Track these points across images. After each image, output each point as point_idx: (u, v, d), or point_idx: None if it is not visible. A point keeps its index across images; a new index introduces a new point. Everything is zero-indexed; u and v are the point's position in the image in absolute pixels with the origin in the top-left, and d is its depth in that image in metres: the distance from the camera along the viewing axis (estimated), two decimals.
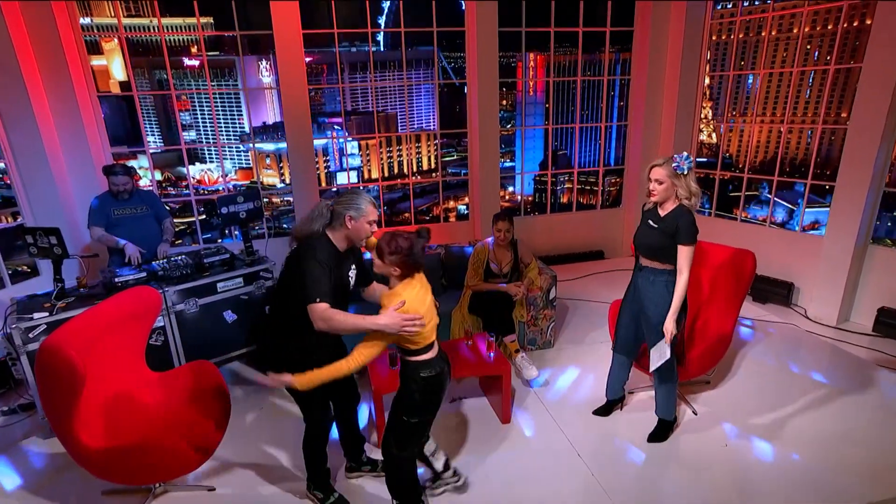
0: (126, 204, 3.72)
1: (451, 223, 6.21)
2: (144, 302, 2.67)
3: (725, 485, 2.60)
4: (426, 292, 2.13)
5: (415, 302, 2.03)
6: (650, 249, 2.66)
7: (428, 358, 2.12)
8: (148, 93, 6.60)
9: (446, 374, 2.20)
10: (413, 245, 2.01)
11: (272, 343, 2.30)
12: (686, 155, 2.52)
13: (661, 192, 2.56)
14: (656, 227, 2.61)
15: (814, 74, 5.80)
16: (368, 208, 2.18)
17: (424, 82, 6.24)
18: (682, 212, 2.54)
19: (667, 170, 2.52)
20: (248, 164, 11.71)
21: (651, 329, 2.71)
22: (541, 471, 2.74)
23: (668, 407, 2.89)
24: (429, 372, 2.11)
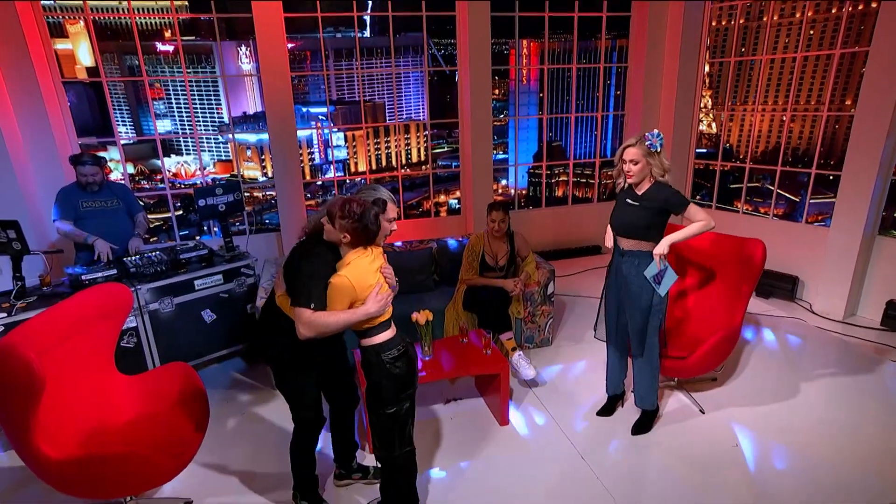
0: (95, 196, 3.56)
1: (442, 218, 6.13)
2: (113, 300, 2.54)
3: (739, 487, 2.54)
4: (377, 263, 2.01)
5: (363, 273, 1.92)
6: (633, 228, 2.66)
7: (387, 338, 2.01)
8: (118, 79, 6.41)
9: (411, 350, 2.10)
10: (365, 211, 1.91)
11: (266, 341, 2.24)
12: (657, 132, 2.58)
13: (637, 172, 2.60)
14: (637, 203, 2.63)
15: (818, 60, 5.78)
16: (389, 205, 2.11)
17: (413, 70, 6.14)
18: (661, 187, 2.59)
19: (641, 149, 2.57)
20: (228, 156, 11.47)
21: (634, 311, 2.70)
22: (543, 475, 2.66)
23: (653, 395, 2.89)
24: (392, 353, 2.00)
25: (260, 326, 2.26)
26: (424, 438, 2.96)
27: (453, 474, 2.69)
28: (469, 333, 3.21)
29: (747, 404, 3.17)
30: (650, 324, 2.70)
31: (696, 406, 3.15)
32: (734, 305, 3.03)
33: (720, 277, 3.21)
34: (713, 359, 2.97)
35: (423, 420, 3.13)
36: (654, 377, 2.84)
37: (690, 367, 2.92)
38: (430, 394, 3.37)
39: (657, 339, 2.74)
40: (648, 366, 2.81)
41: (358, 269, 1.92)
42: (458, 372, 2.93)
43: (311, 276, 1.93)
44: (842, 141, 4.69)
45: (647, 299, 2.66)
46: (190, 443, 2.35)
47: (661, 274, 2.59)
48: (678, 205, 2.56)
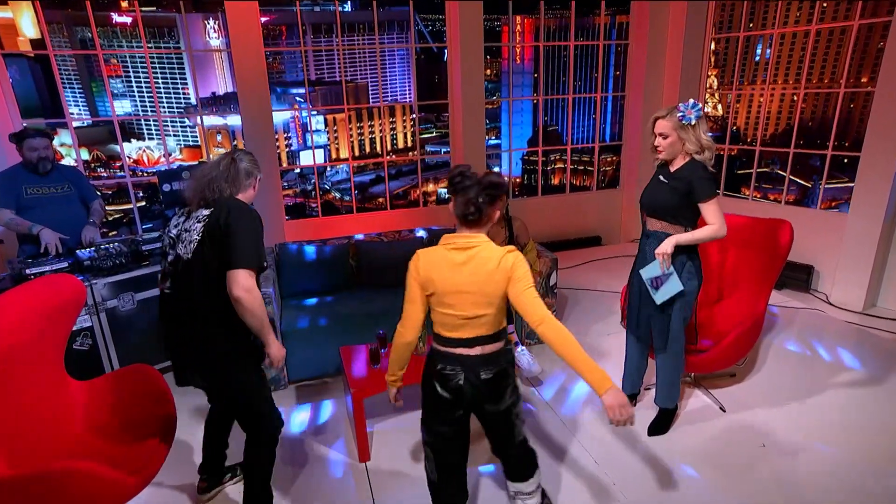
0: (43, 182, 3.31)
1: (431, 208, 5.95)
2: (61, 294, 2.32)
3: (772, 491, 2.42)
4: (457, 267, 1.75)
5: (439, 277, 1.78)
6: (657, 209, 2.52)
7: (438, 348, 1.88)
8: (68, 52, 6.08)
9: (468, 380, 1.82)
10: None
11: (214, 349, 1.98)
12: (693, 102, 2.38)
13: (667, 147, 2.45)
14: (666, 182, 2.48)
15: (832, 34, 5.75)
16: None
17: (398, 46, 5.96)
18: (694, 166, 2.41)
19: (671, 121, 2.40)
20: (196, 141, 11.12)
21: (653, 302, 2.56)
22: (553, 483, 2.51)
23: (675, 393, 2.76)
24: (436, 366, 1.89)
25: (192, 335, 1.99)
26: (419, 444, 2.79)
27: None
28: None
29: (770, 401, 3.06)
30: (674, 316, 2.55)
31: (716, 404, 3.03)
32: (757, 293, 2.92)
33: (741, 263, 3.10)
34: (737, 351, 2.85)
35: (416, 425, 2.95)
36: (676, 374, 2.69)
37: (712, 360, 2.80)
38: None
39: (682, 334, 2.60)
40: (671, 361, 2.67)
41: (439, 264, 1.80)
42: None
43: (255, 238, 1.89)
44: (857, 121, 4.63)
45: (667, 288, 2.51)
46: (153, 457, 2.14)
47: (662, 278, 2.47)
48: (699, 192, 2.37)
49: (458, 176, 1.76)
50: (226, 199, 1.95)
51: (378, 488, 2.51)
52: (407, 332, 1.88)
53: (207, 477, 2.46)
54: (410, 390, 3.21)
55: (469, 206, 1.75)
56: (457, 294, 1.75)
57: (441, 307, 1.80)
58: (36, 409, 2.21)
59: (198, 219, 1.92)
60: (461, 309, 1.76)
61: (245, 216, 1.89)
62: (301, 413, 3.13)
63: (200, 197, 1.96)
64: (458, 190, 1.77)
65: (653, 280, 2.48)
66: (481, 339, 1.79)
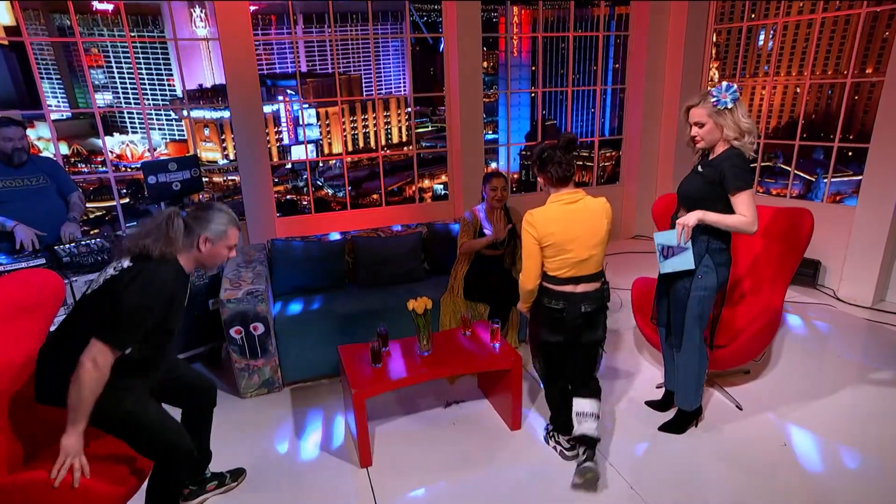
0: (17, 174, 3.13)
1: (427, 204, 5.83)
2: (36, 291, 2.16)
3: (799, 492, 2.32)
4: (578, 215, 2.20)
5: (557, 229, 2.16)
6: (688, 199, 2.41)
7: (554, 289, 2.24)
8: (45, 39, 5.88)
9: (570, 313, 2.24)
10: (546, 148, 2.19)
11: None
12: (728, 84, 2.26)
13: (706, 136, 2.32)
14: (702, 171, 2.38)
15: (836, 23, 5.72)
16: (230, 230, 1.95)
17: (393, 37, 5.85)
18: (730, 154, 2.28)
19: (706, 108, 2.29)
20: (182, 135, 10.88)
21: (673, 294, 2.47)
22: (567, 486, 2.40)
23: (690, 395, 2.63)
24: (551, 303, 2.26)
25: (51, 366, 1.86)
26: (424, 447, 2.67)
27: (462, 487, 2.40)
28: (473, 325, 2.94)
29: (787, 399, 2.97)
30: (689, 311, 2.44)
31: (731, 402, 2.94)
32: (773, 286, 2.84)
33: (760, 253, 3.01)
34: (754, 347, 2.77)
35: (420, 427, 2.85)
36: (692, 374, 2.57)
37: (729, 357, 2.71)
38: (426, 396, 3.08)
39: (699, 332, 2.48)
40: (686, 360, 2.55)
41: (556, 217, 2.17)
42: (463, 368, 2.66)
43: (133, 319, 1.74)
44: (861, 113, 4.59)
45: (688, 280, 2.41)
46: (138, 464, 2.01)
47: (675, 249, 2.32)
48: (730, 182, 2.22)
49: (543, 152, 2.20)
50: (150, 262, 1.80)
51: (382, 496, 2.38)
52: (529, 282, 2.29)
53: (189, 482, 2.32)
54: (413, 391, 3.10)
55: (564, 168, 2.18)
56: (574, 241, 2.17)
57: (559, 255, 2.19)
58: (10, 414, 2.05)
59: (115, 267, 1.84)
60: (577, 253, 2.18)
61: (140, 295, 1.73)
62: (297, 417, 2.99)
63: (134, 246, 1.83)
64: (548, 162, 2.18)
65: (664, 248, 2.34)
66: (585, 278, 2.23)
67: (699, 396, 2.64)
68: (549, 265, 2.23)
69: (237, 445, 2.73)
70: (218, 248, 1.93)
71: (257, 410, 3.05)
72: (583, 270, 2.22)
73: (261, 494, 2.40)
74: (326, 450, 2.70)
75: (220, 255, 1.95)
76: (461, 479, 2.46)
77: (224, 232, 1.92)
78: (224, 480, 2.38)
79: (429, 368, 2.58)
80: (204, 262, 1.95)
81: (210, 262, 1.96)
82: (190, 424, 2.20)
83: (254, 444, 2.75)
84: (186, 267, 1.91)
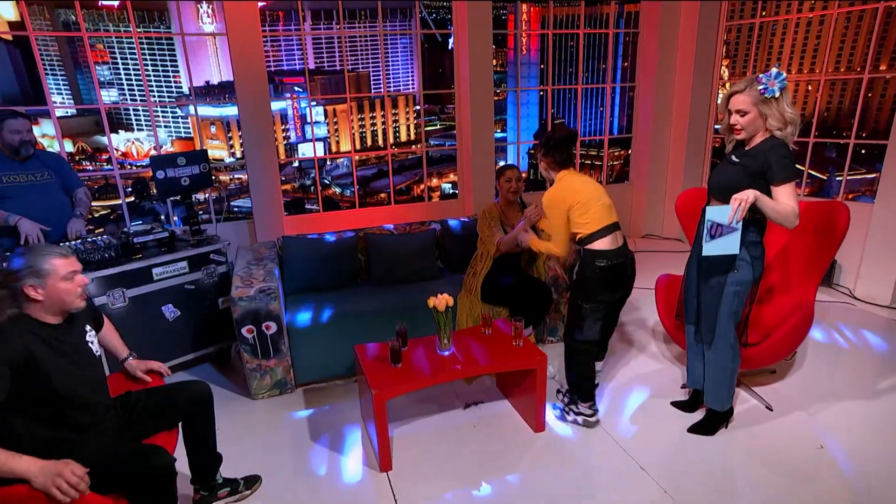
0: (21, 168, 3.00)
1: (436, 203, 5.71)
2: None
3: (841, 497, 2.20)
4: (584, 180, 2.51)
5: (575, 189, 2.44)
6: (724, 189, 2.24)
7: (601, 248, 2.42)
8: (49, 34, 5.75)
9: (620, 265, 2.45)
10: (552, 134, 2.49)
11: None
12: (777, 72, 2.11)
13: (747, 125, 2.18)
14: (738, 161, 2.23)
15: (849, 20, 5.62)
16: (53, 262, 1.70)
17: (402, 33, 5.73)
18: (773, 143, 2.15)
19: (752, 95, 2.14)
20: (189, 133, 10.72)
21: (706, 287, 2.34)
22: (599, 491, 2.27)
23: (722, 394, 2.50)
24: (603, 261, 2.41)
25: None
26: (446, 450, 2.54)
27: (489, 493, 2.27)
28: (494, 322, 2.81)
29: (817, 398, 2.85)
30: (723, 307, 2.32)
31: (761, 402, 2.81)
32: (805, 282, 2.72)
33: (788, 250, 2.89)
34: (787, 345, 2.64)
35: (441, 429, 2.72)
36: (724, 373, 2.45)
37: (762, 355, 2.59)
38: (443, 397, 2.95)
39: (733, 329, 2.36)
40: (718, 358, 2.43)
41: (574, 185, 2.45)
42: (487, 368, 2.53)
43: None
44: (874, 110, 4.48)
45: (722, 274, 2.29)
46: None
47: (725, 229, 2.09)
48: (777, 173, 2.09)
49: (550, 139, 2.49)
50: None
51: (404, 502, 2.25)
52: (561, 251, 2.52)
53: (200, 488, 2.19)
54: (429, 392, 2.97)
55: (567, 154, 2.51)
56: (594, 192, 2.47)
57: (590, 208, 2.42)
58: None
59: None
60: (604, 201, 2.48)
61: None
62: (311, 419, 2.86)
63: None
64: (555, 148, 2.48)
65: (714, 226, 2.10)
66: (617, 225, 2.49)
67: (731, 396, 2.52)
68: (585, 221, 2.41)
69: (249, 449, 2.60)
70: (53, 286, 1.68)
71: (270, 412, 2.92)
72: (613, 216, 2.47)
73: (277, 501, 2.27)
74: (343, 453, 2.56)
75: (62, 288, 1.70)
76: (486, 483, 2.33)
77: (44, 269, 1.67)
78: (237, 488, 2.24)
79: (452, 368, 2.45)
80: (58, 305, 1.72)
81: (64, 302, 1.72)
82: (191, 434, 2.09)
83: (267, 447, 2.62)
84: (41, 317, 1.71)
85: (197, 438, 2.09)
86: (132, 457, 1.73)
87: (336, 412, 2.91)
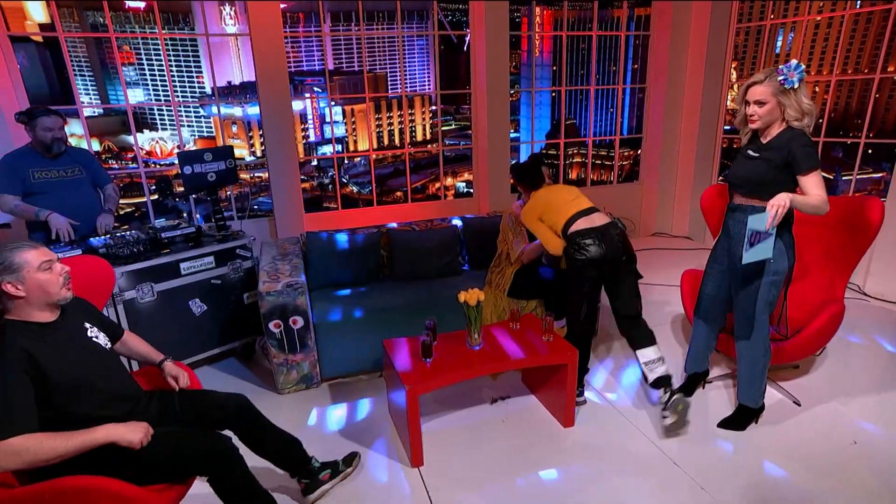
0: (52, 165, 2.89)
1: (452, 201, 5.57)
2: (90, 277, 1.92)
3: (881, 495, 2.06)
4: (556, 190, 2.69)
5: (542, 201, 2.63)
6: (748, 184, 2.19)
7: (576, 229, 2.46)
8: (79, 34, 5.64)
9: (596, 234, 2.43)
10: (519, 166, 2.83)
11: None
12: (796, 63, 2.04)
13: (764, 116, 2.10)
14: (757, 155, 2.15)
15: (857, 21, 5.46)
16: (24, 255, 1.55)
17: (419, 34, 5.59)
18: (794, 134, 2.07)
19: (771, 86, 2.05)
20: (210, 132, 10.58)
21: (742, 280, 2.23)
22: (633, 487, 2.14)
23: (755, 390, 2.38)
24: (579, 238, 2.43)
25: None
26: (476, 446, 2.41)
27: (522, 488, 2.14)
28: (522, 317, 2.68)
29: (844, 394, 2.70)
30: (760, 300, 2.20)
31: (788, 398, 2.67)
32: (834, 276, 2.58)
33: (816, 244, 2.75)
34: (820, 339, 2.51)
35: (468, 424, 2.59)
36: (758, 367, 2.32)
37: (795, 349, 2.46)
38: (469, 392, 2.82)
39: (767, 320, 2.24)
40: (751, 352, 2.30)
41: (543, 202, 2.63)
42: (519, 362, 2.39)
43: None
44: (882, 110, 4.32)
45: (759, 265, 2.16)
46: None
47: (762, 236, 2.03)
48: (802, 162, 2.02)
49: (520, 170, 2.83)
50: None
51: (438, 497, 2.12)
52: (558, 249, 2.56)
53: (301, 477, 2.06)
54: (454, 387, 2.84)
55: (536, 177, 2.76)
56: (560, 194, 2.64)
57: (558, 208, 2.56)
58: None
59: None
60: (567, 199, 2.60)
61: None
62: (338, 413, 2.73)
63: None
64: (524, 175, 2.80)
65: (754, 234, 2.02)
66: (589, 210, 2.54)
67: (763, 392, 2.39)
68: (558, 218, 2.52)
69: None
70: (32, 279, 1.54)
71: (296, 407, 2.79)
72: (582, 205, 2.54)
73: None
74: (373, 448, 2.43)
75: (42, 280, 1.56)
76: (519, 479, 2.20)
77: (16, 263, 1.53)
78: (338, 468, 2.12)
79: (483, 363, 2.32)
80: (43, 298, 1.58)
81: (49, 293, 1.58)
82: (250, 440, 1.95)
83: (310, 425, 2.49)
84: (31, 316, 1.58)
85: (258, 441, 1.95)
86: (185, 443, 1.63)
87: (362, 407, 2.78)
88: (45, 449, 1.40)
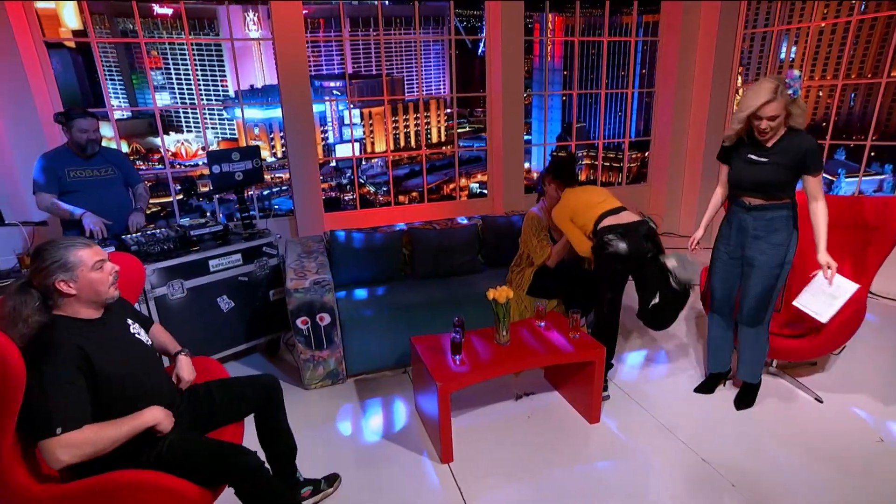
0: (87, 164, 2.84)
1: (466, 201, 5.50)
2: (128, 268, 1.85)
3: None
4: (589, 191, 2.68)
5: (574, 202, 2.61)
6: (763, 185, 2.20)
7: (606, 224, 2.46)
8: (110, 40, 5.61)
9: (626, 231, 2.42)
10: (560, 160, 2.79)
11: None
12: (798, 74, 2.08)
13: (777, 128, 2.14)
14: (765, 160, 2.17)
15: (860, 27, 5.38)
16: (80, 253, 1.49)
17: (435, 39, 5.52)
18: (802, 137, 2.12)
19: (783, 100, 2.07)
20: (233, 134, 10.55)
21: (761, 272, 2.25)
22: (663, 483, 2.06)
23: (758, 368, 2.45)
24: (607, 234, 2.43)
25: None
26: (503, 442, 2.34)
27: (551, 484, 2.07)
28: (547, 314, 2.61)
29: (865, 391, 2.62)
30: (777, 286, 2.28)
31: (810, 395, 2.59)
32: (858, 276, 2.49)
33: (840, 244, 2.66)
34: (840, 337, 2.43)
35: (494, 420, 2.52)
36: (763, 348, 2.43)
37: (816, 346, 2.38)
38: (493, 388, 2.75)
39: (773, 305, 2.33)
40: (763, 334, 2.39)
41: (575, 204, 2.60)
42: (547, 359, 2.32)
43: (52, 394, 1.34)
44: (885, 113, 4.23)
45: (780, 257, 2.22)
46: None
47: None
48: (814, 165, 2.12)
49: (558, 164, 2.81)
50: (34, 338, 1.39)
51: (469, 492, 2.05)
52: (586, 250, 2.55)
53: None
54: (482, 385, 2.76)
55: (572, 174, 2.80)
56: (592, 196, 2.64)
57: (589, 208, 2.56)
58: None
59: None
60: (598, 199, 2.61)
61: (32, 369, 1.33)
62: (364, 409, 2.67)
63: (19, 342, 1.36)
64: (562, 170, 2.79)
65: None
66: (618, 209, 2.55)
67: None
68: (588, 218, 2.51)
69: (308, 439, 2.40)
70: (84, 277, 1.48)
71: (323, 403, 2.73)
72: (612, 204, 2.55)
73: (345, 489, 2.07)
74: (401, 444, 2.36)
75: (94, 279, 1.50)
76: (548, 475, 2.13)
77: (71, 262, 1.47)
78: (319, 486, 2.03)
79: (513, 359, 2.25)
80: (93, 296, 1.51)
81: (98, 292, 1.52)
82: (265, 428, 1.89)
83: (325, 437, 2.44)
84: (79, 313, 1.51)
85: (271, 431, 1.89)
86: (216, 455, 1.54)
87: (388, 403, 2.72)
88: (103, 439, 1.37)
